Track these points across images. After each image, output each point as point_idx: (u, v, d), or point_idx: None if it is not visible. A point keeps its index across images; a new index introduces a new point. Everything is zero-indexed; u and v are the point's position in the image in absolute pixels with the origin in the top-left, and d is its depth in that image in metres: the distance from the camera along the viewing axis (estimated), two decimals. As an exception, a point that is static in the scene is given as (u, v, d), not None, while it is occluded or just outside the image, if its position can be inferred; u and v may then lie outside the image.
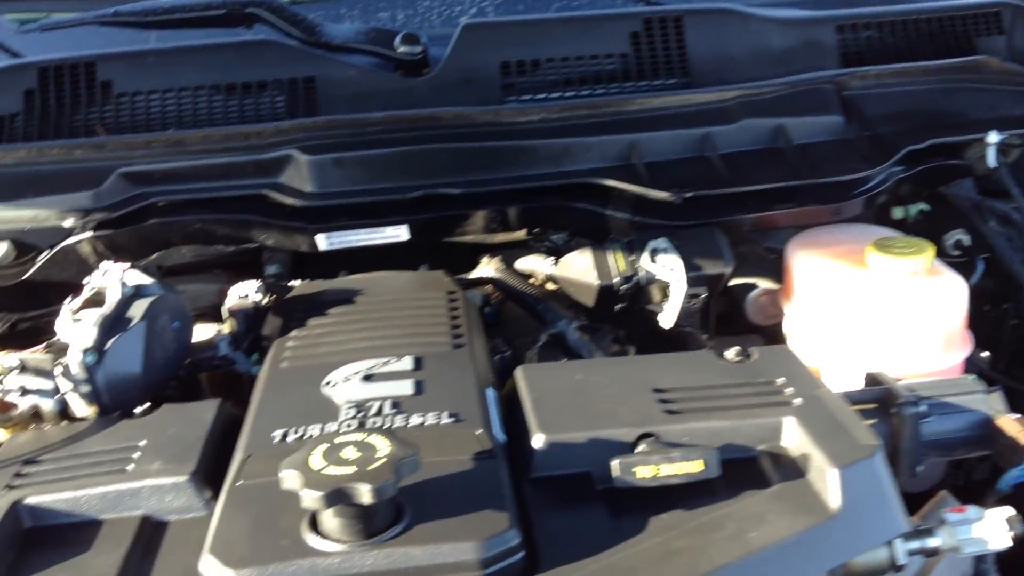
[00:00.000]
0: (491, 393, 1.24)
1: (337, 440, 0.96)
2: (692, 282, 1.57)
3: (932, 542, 1.10)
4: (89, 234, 1.59)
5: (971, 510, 1.12)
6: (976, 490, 1.59)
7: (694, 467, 1.02)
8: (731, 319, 1.82)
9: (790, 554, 0.96)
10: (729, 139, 1.69)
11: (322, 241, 1.67)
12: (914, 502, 1.14)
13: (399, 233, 1.68)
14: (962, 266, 1.70)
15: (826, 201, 1.66)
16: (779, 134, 1.71)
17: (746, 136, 1.71)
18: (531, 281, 1.73)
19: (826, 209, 1.68)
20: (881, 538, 1.05)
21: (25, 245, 1.65)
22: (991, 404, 1.26)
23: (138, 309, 1.32)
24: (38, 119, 1.77)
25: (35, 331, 1.72)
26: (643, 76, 1.83)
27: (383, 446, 0.95)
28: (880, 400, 1.26)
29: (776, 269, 1.79)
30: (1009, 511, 1.10)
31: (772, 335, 1.79)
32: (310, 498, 0.88)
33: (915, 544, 1.10)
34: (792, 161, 1.66)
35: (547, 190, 1.66)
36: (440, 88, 1.77)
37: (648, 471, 1.02)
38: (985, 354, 1.66)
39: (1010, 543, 1.09)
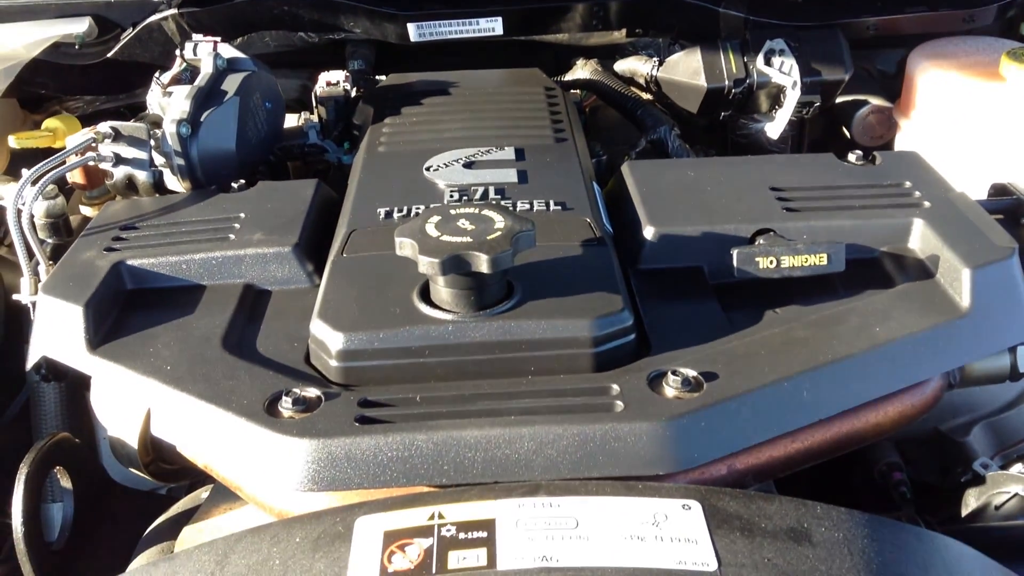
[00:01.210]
0: (596, 187, 1.19)
1: (452, 212, 0.92)
2: (808, 88, 1.47)
3: (1057, 355, 1.05)
4: (174, 10, 1.53)
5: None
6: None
7: (818, 259, 0.97)
8: (826, 145, 1.73)
9: (916, 349, 0.92)
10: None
11: (413, 31, 1.58)
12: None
13: (494, 26, 1.59)
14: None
15: (960, 6, 1.52)
16: (914, -67, 1.56)
17: (879, -65, 1.56)
18: (629, 86, 1.64)
19: (958, 15, 1.55)
20: (1010, 341, 1.00)
21: (108, 22, 1.59)
22: None
23: (232, 84, 1.27)
24: None
25: (117, 115, 1.69)
26: None
27: (498, 219, 0.91)
28: (1009, 211, 1.19)
29: (887, 89, 1.68)
30: None
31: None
32: (427, 264, 0.85)
33: (1040, 353, 1.05)
34: (926, -38, 1.52)
35: (654, -19, 1.54)
36: None
37: (770, 261, 0.97)
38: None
39: None
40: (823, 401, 0.88)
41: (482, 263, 0.86)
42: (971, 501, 0.99)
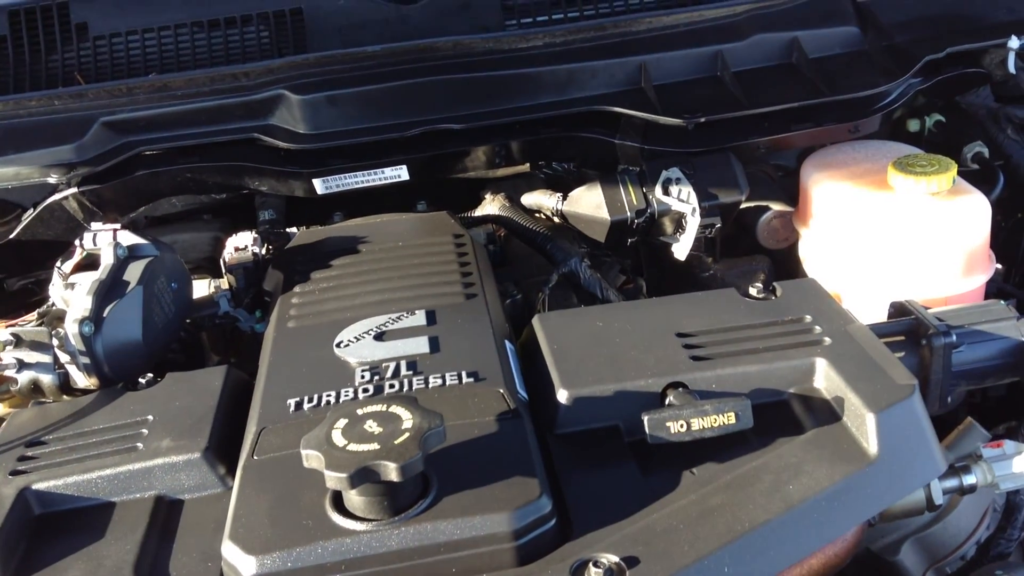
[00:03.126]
0: (509, 346, 1.20)
1: (358, 412, 0.91)
2: (707, 212, 1.51)
3: (969, 480, 1.08)
4: (74, 190, 1.52)
5: (1008, 445, 1.09)
6: (994, 408, 1.57)
7: (726, 419, 0.99)
8: (737, 241, 1.77)
9: (831, 504, 0.94)
10: (742, 56, 1.61)
11: (319, 185, 1.59)
12: (935, 426, 1.11)
13: (399, 173, 1.61)
14: (979, 177, 1.64)
15: (845, 119, 1.59)
16: (793, 48, 1.62)
17: (759, 52, 1.62)
18: (537, 216, 1.67)
19: (844, 127, 1.61)
20: (921, 482, 1.02)
21: (8, 204, 1.58)
22: (1023, 330, 1.22)
23: (134, 272, 1.26)
24: (12, 68, 1.67)
25: (24, 292, 1.67)
26: (649, -9, 1.73)
27: (406, 417, 0.90)
28: (909, 332, 1.22)
29: (787, 190, 1.73)
30: (1049, 446, 1.07)
31: (781, 256, 1.75)
32: (334, 479, 0.84)
33: (952, 483, 1.08)
34: (808, 77, 1.58)
35: (552, 120, 1.58)
36: (436, 15, 1.68)
37: (680, 425, 0.98)
38: (998, 267, 1.62)
39: (1050, 478, 1.07)
40: (744, 574, 0.88)
41: (391, 472, 0.85)
42: (903, 644, 0.99)
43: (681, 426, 0.99)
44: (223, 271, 1.50)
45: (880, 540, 1.25)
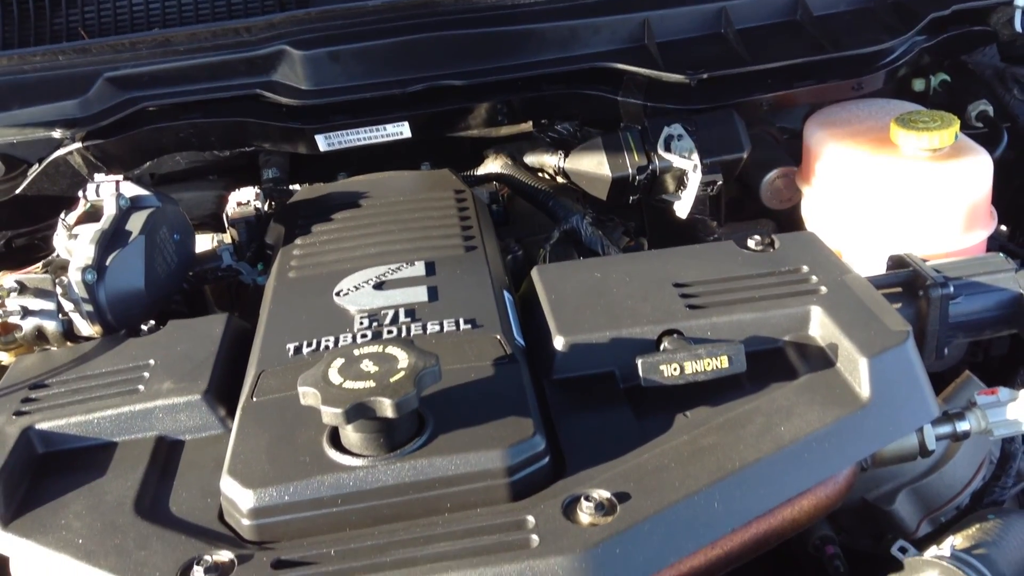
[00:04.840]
0: (507, 296, 1.21)
1: (355, 353, 0.92)
2: (708, 169, 1.50)
3: (962, 426, 1.09)
4: (79, 145, 1.53)
5: (1002, 392, 1.10)
6: (996, 367, 1.58)
7: (719, 363, 0.99)
8: (742, 204, 1.77)
9: (821, 446, 0.94)
10: (745, 13, 1.60)
11: (321, 142, 1.60)
12: (935, 382, 1.12)
13: (401, 130, 1.61)
14: (984, 137, 1.64)
15: (849, 76, 1.58)
16: (798, 5, 1.61)
17: (763, 9, 1.61)
18: (539, 175, 1.67)
19: (847, 84, 1.60)
20: (912, 426, 1.03)
21: (14, 159, 1.59)
22: (1021, 282, 1.22)
23: (136, 222, 1.27)
24: (17, 23, 1.68)
25: (30, 248, 1.68)
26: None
27: (402, 357, 0.91)
28: (907, 283, 1.22)
29: (791, 150, 1.73)
30: (1043, 393, 1.07)
31: (785, 219, 1.75)
32: (330, 414, 0.86)
33: (945, 429, 1.08)
34: (812, 34, 1.57)
35: (555, 77, 1.58)
36: (439, -31, 1.67)
37: (673, 369, 0.99)
38: (1003, 228, 1.61)
39: (1043, 425, 1.07)
40: (734, 510, 0.89)
41: (386, 408, 0.86)
42: (893, 588, 1.00)
43: (675, 369, 1.00)
44: (226, 226, 1.51)
45: (875, 490, 1.26)
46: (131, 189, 1.31)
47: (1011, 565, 0.97)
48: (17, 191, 1.58)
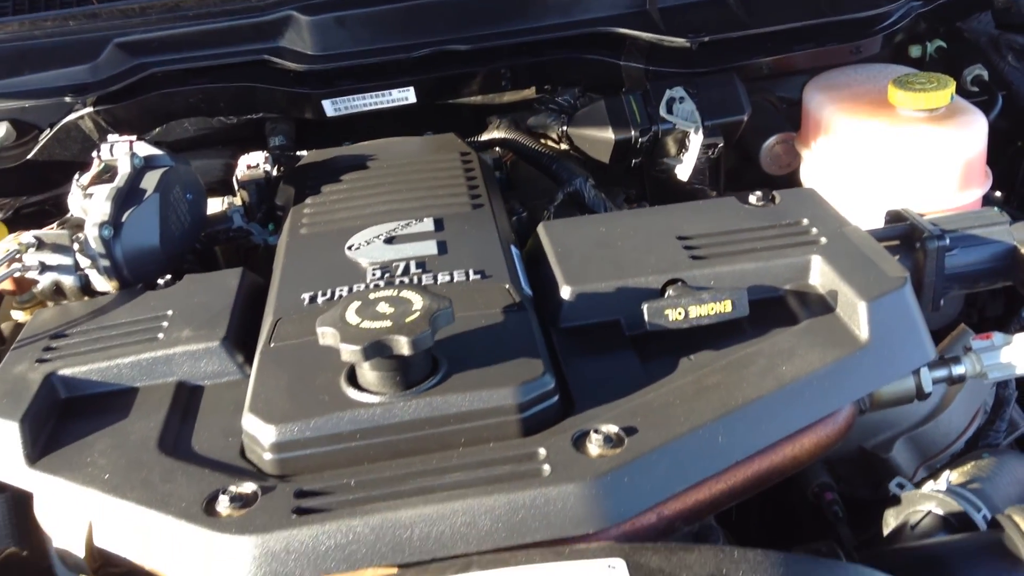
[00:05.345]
0: (514, 250, 1.24)
1: (371, 296, 0.95)
2: (710, 131, 1.54)
3: (958, 369, 1.12)
4: (90, 109, 1.55)
5: (996, 336, 1.13)
6: (990, 327, 1.61)
7: (723, 307, 1.02)
8: (742, 174, 1.80)
9: (820, 385, 0.98)
10: (745, -24, 1.63)
11: (328, 107, 1.63)
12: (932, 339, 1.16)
13: (406, 95, 1.64)
14: (981, 105, 1.67)
15: (846, 39, 1.61)
16: (796, -31, 1.64)
17: (763, -28, 1.64)
18: (543, 141, 1.70)
19: (846, 48, 1.63)
20: (909, 367, 1.06)
21: (25, 125, 1.61)
22: (1015, 234, 1.25)
23: (150, 181, 1.29)
24: (27, -11, 1.70)
25: (41, 214, 1.71)
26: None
27: (416, 300, 0.94)
28: (904, 236, 1.25)
29: (791, 118, 1.76)
30: (1034, 337, 1.11)
31: (784, 185, 1.77)
32: (349, 352, 0.89)
33: (941, 372, 1.12)
34: (810, -2, 1.60)
35: (557, 42, 1.61)
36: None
37: (678, 313, 1.02)
38: (997, 194, 1.65)
39: (1035, 368, 1.11)
40: (737, 444, 0.92)
41: (403, 346, 0.89)
42: (890, 521, 1.04)
43: (679, 314, 1.03)
44: (235, 189, 1.54)
45: (873, 438, 1.30)
46: (145, 149, 1.33)
47: (1005, 499, 1.00)
48: (29, 156, 1.61)
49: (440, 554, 0.82)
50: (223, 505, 0.86)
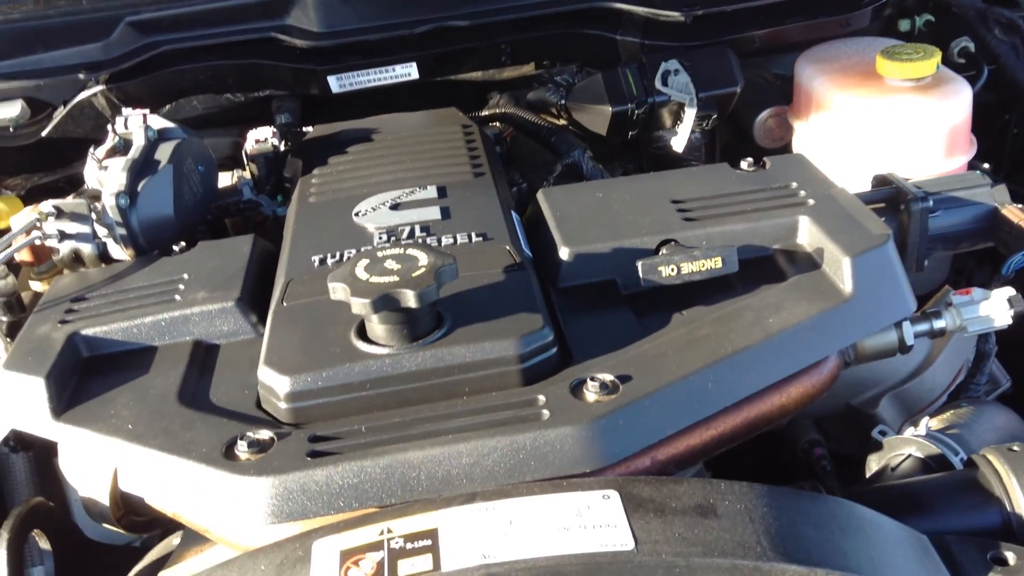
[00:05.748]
0: (515, 215, 1.29)
1: (378, 254, 1.01)
2: (704, 103, 1.58)
3: (939, 323, 1.17)
4: (102, 87, 1.60)
5: (976, 291, 1.18)
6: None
7: (713, 263, 1.08)
8: (735, 150, 1.85)
9: (806, 335, 1.03)
10: (738, -49, 1.67)
11: (334, 83, 1.68)
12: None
13: (409, 71, 1.69)
14: (968, 78, 1.71)
15: (837, 12, 1.66)
16: (788, -56, 1.68)
17: (755, -53, 1.68)
18: (542, 116, 1.75)
19: (836, 22, 1.68)
20: (892, 318, 1.10)
21: (40, 102, 1.66)
22: (996, 196, 1.30)
23: (164, 152, 1.34)
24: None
25: (56, 191, 1.76)
26: None
27: (422, 257, 1.00)
28: (889, 199, 1.30)
29: (784, 93, 1.80)
30: (1011, 291, 1.15)
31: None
32: (359, 304, 0.94)
33: (923, 326, 1.16)
34: (801, -29, 1.65)
35: (556, 17, 1.65)
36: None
37: (671, 269, 1.07)
38: (985, 165, 1.69)
39: (1011, 321, 1.15)
40: (726, 390, 0.98)
41: (410, 299, 0.94)
42: (872, 465, 1.09)
43: (672, 270, 1.08)
44: (245, 162, 1.59)
45: (860, 396, 1.35)
46: (158, 122, 1.38)
47: (981, 444, 1.05)
48: (43, 133, 1.66)
49: (446, 492, 0.88)
50: (241, 450, 0.91)
